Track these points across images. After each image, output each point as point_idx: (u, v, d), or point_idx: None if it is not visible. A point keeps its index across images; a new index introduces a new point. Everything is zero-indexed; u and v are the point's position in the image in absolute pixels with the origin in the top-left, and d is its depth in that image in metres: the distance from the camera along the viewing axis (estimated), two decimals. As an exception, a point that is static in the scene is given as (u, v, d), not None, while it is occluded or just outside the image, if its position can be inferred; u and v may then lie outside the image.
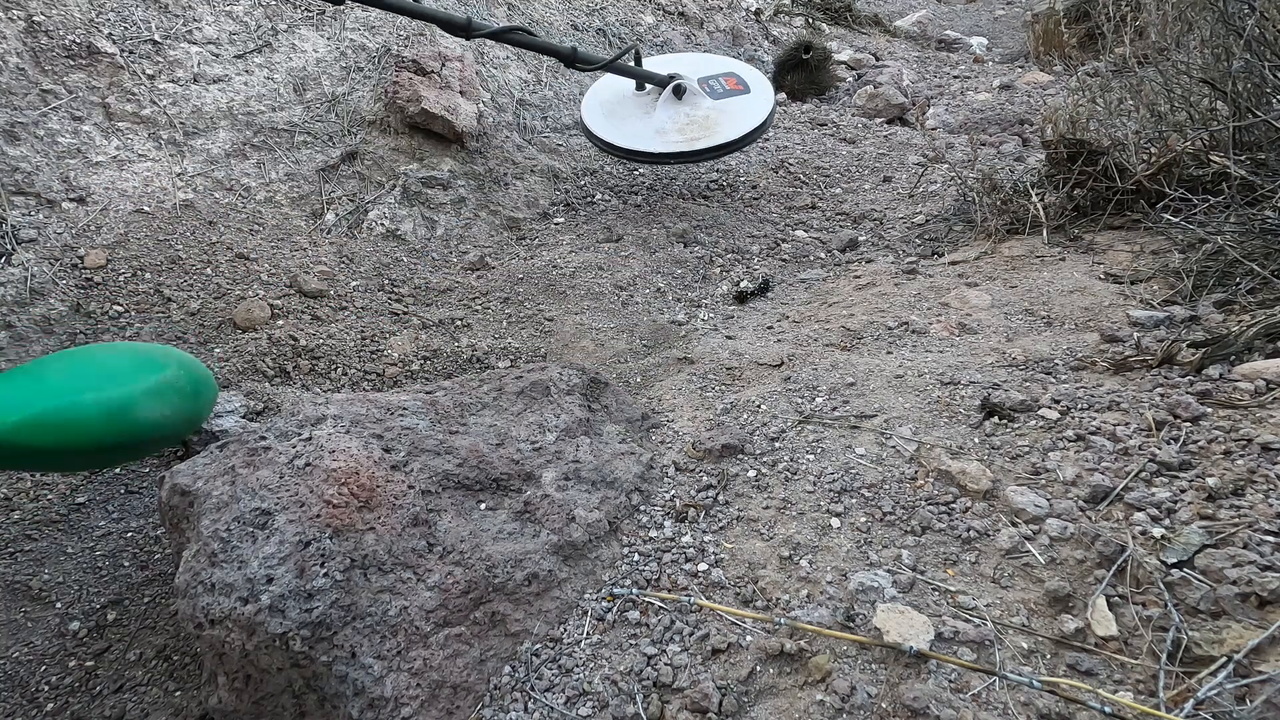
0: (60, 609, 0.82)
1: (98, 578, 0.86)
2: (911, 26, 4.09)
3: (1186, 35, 1.45)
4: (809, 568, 0.65)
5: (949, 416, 0.80)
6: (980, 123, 2.40)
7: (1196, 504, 0.63)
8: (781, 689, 0.56)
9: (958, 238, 1.51)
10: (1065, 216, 1.34)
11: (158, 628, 0.82)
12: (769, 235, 1.75)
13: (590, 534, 0.67)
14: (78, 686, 0.76)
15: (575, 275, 1.51)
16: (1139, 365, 0.85)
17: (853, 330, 1.10)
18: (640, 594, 0.64)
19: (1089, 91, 1.53)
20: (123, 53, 1.57)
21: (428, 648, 0.57)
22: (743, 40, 3.27)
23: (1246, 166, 1.11)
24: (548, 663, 0.60)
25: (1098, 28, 2.46)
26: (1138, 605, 0.57)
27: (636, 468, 0.75)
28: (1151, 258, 1.15)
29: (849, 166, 2.16)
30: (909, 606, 0.59)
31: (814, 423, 0.82)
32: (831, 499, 0.71)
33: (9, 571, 0.84)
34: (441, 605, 0.58)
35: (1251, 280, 0.95)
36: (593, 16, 2.70)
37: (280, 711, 0.54)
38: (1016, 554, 0.63)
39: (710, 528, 0.70)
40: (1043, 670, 0.55)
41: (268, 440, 0.65)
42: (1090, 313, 1.03)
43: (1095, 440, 0.73)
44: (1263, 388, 0.74)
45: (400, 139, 1.86)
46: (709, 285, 1.51)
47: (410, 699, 0.55)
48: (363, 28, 1.98)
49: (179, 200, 1.47)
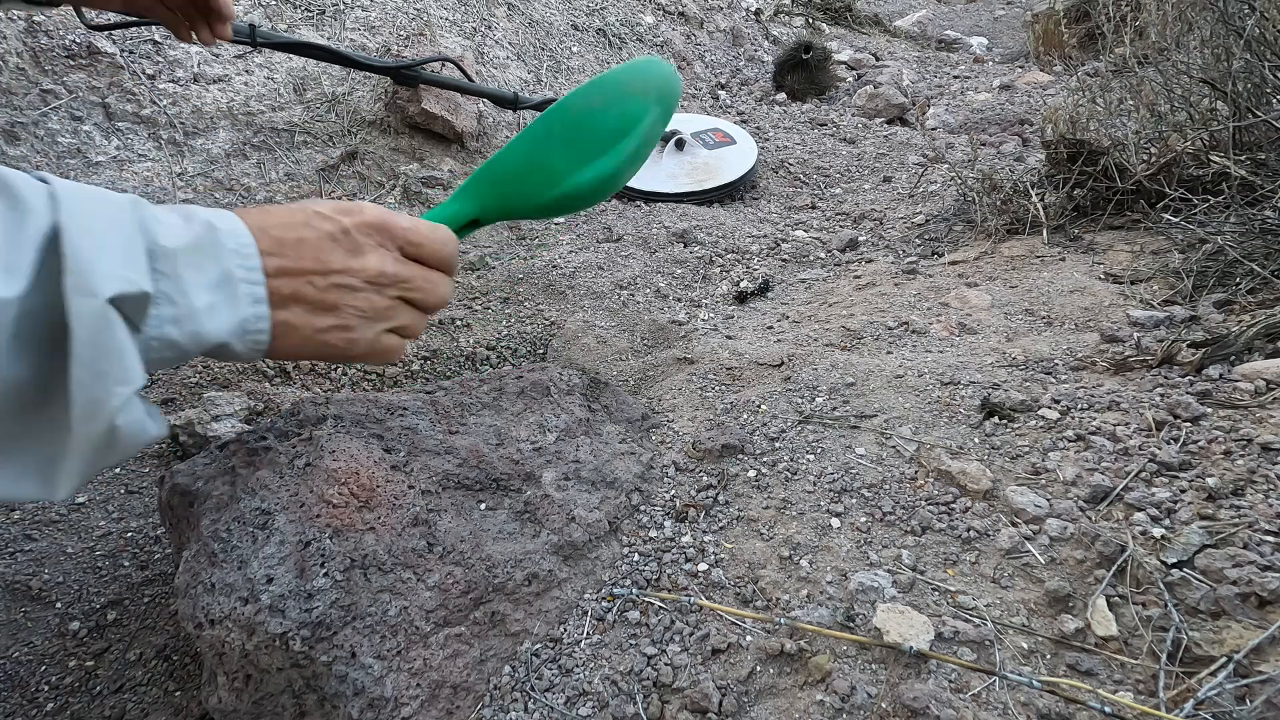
0: (60, 609, 0.82)
1: (98, 578, 0.86)
2: (911, 26, 4.09)
3: (1186, 35, 1.45)
4: (809, 568, 0.65)
5: (949, 416, 0.80)
6: (980, 123, 2.40)
7: (1196, 504, 0.63)
8: (781, 689, 0.56)
9: (958, 238, 1.51)
10: (1065, 216, 1.34)
11: (158, 628, 0.82)
12: (769, 235, 1.75)
13: (590, 534, 0.67)
14: (78, 686, 0.76)
15: (575, 275, 1.51)
16: (1139, 365, 0.85)
17: (853, 330, 1.10)
18: (640, 594, 0.64)
19: (1089, 91, 1.53)
20: (122, 53, 1.57)
21: (428, 648, 0.57)
22: (743, 40, 3.27)
23: (1246, 166, 1.11)
24: (548, 663, 0.60)
25: (1098, 28, 2.46)
26: (1138, 605, 0.57)
27: (636, 468, 0.75)
28: (1151, 258, 1.15)
29: (849, 166, 2.16)
30: (909, 606, 0.59)
31: (814, 423, 0.82)
32: (831, 499, 0.71)
33: (9, 571, 0.84)
34: (441, 605, 0.58)
35: (1251, 280, 0.95)
36: (593, 16, 2.70)
37: (280, 711, 0.54)
38: (1016, 554, 0.63)
39: (710, 528, 0.70)
40: (1043, 670, 0.55)
41: (268, 440, 0.65)
42: (1090, 313, 1.03)
43: (1095, 440, 0.73)
44: (1263, 388, 0.74)
45: (400, 139, 1.86)
46: (709, 285, 1.51)
47: (410, 699, 0.55)
48: (363, 28, 1.98)
49: (179, 200, 1.47)
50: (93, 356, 0.43)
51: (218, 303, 0.50)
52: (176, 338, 0.49)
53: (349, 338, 0.55)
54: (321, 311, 0.54)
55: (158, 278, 0.47)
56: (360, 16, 1.99)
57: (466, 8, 2.26)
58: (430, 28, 2.04)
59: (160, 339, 0.48)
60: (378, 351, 0.58)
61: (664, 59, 0.90)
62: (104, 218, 0.46)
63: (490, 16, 2.31)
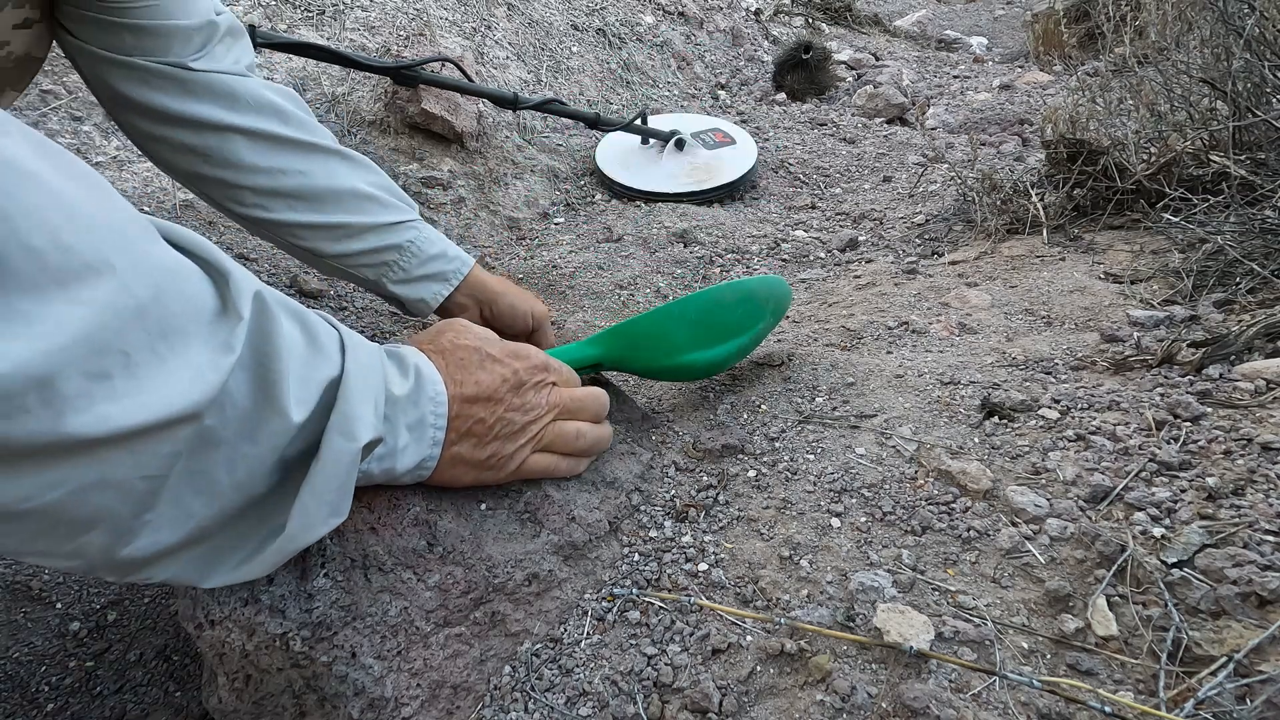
0: (60, 609, 0.82)
1: (98, 578, 0.86)
2: (911, 26, 4.10)
3: (1186, 35, 1.45)
4: (809, 568, 0.65)
5: (949, 416, 0.80)
6: (980, 123, 2.40)
7: (1196, 504, 0.63)
8: (782, 689, 0.56)
9: (958, 238, 1.51)
10: (1065, 216, 1.34)
11: (158, 628, 0.82)
12: (769, 235, 1.75)
13: (590, 534, 0.67)
14: (78, 687, 0.76)
15: (575, 275, 1.51)
16: (1139, 365, 0.85)
17: (853, 330, 1.10)
18: (640, 594, 0.64)
19: (1089, 91, 1.53)
20: (122, 53, 1.57)
21: (428, 648, 0.57)
22: (743, 40, 3.27)
23: (1246, 166, 1.11)
24: (548, 663, 0.60)
25: (1098, 27, 2.46)
26: (1138, 605, 0.57)
27: (636, 467, 0.75)
28: (1151, 257, 1.15)
29: (849, 166, 2.16)
30: (909, 606, 0.59)
31: (814, 423, 0.82)
32: (831, 499, 0.71)
33: (9, 572, 0.84)
34: (442, 605, 0.58)
35: (1251, 280, 0.95)
36: (592, 16, 2.70)
37: (280, 711, 0.54)
38: (1017, 554, 0.63)
39: (710, 528, 0.70)
40: (1043, 670, 0.55)
41: (268, 440, 0.65)
42: (1090, 312, 1.03)
43: (1095, 440, 0.73)
44: (1263, 387, 0.74)
45: (400, 139, 1.86)
46: (709, 285, 1.51)
47: (410, 699, 0.55)
48: (362, 28, 1.98)
49: (179, 200, 1.47)
50: (327, 489, 0.48)
51: (409, 444, 0.55)
52: (375, 471, 0.55)
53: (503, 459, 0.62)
54: (484, 444, 0.60)
55: (385, 422, 0.52)
56: (360, 17, 1.99)
57: (466, 8, 2.26)
58: (430, 28, 2.04)
59: (364, 472, 0.53)
60: (529, 471, 0.64)
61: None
62: (369, 368, 0.52)
63: (490, 16, 2.31)
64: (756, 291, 0.82)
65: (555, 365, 0.68)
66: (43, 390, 0.34)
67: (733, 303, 0.80)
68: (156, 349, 0.39)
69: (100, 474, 0.38)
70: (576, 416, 0.67)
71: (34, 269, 0.33)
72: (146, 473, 0.40)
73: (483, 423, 0.59)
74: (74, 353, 0.35)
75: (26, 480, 0.35)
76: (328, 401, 0.48)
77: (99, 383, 0.36)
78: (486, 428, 0.60)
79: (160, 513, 0.42)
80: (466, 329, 0.65)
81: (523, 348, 0.66)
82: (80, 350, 0.35)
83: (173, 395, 0.39)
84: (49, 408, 0.34)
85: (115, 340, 0.37)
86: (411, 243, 0.99)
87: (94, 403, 0.36)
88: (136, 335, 0.38)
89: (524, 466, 0.63)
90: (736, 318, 0.81)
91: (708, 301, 0.79)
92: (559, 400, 0.65)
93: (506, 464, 0.62)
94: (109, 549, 0.41)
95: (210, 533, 0.46)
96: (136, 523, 0.41)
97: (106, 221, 0.38)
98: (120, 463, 0.38)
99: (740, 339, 0.82)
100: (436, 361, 0.59)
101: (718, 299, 0.79)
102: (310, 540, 0.50)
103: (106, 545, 0.41)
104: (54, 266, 0.34)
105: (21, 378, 0.33)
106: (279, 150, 0.89)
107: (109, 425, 0.36)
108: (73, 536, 0.39)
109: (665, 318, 0.78)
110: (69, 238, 0.35)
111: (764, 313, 0.84)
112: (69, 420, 0.35)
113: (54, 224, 0.35)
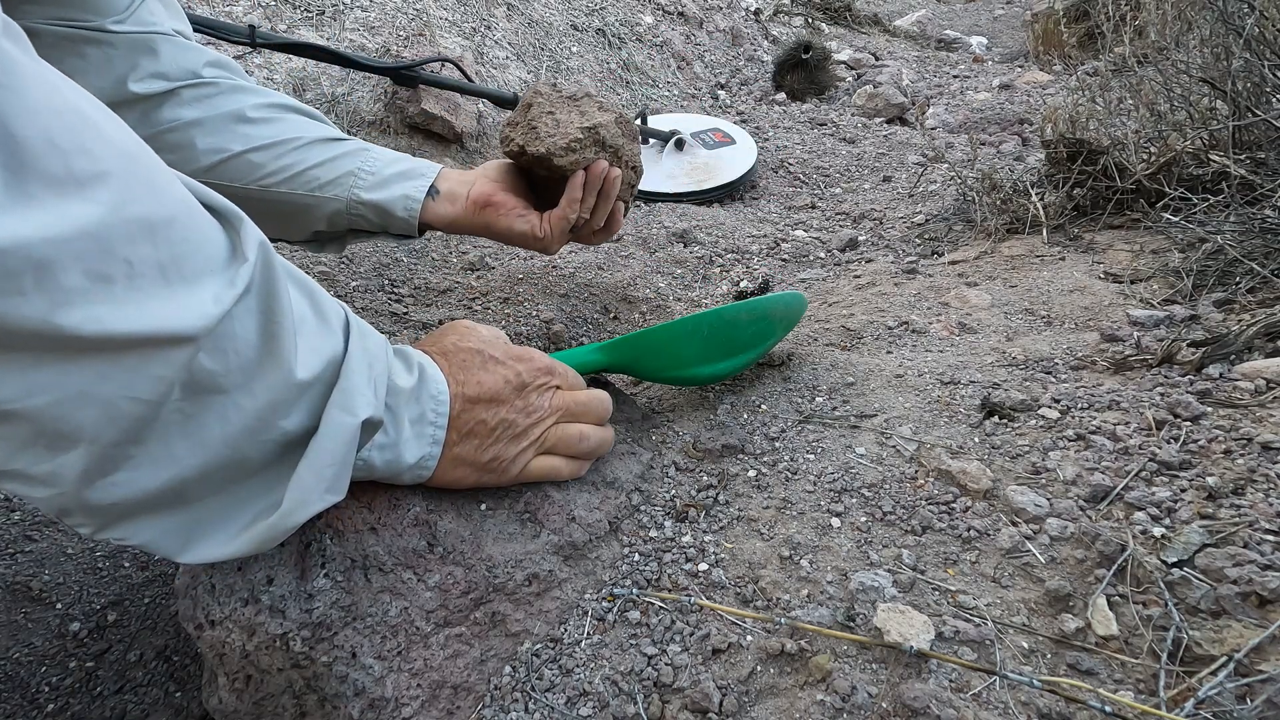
0: (60, 610, 0.82)
1: (98, 578, 0.86)
2: (911, 26, 4.10)
3: (1186, 35, 1.45)
4: (809, 567, 0.65)
5: (949, 416, 0.80)
6: (980, 122, 2.40)
7: (1196, 503, 0.63)
8: (782, 689, 0.56)
9: (958, 237, 1.51)
10: (1065, 216, 1.34)
11: (158, 628, 0.82)
12: (769, 235, 1.75)
13: (590, 534, 0.67)
14: (78, 687, 0.76)
15: (575, 275, 1.51)
16: (1139, 365, 0.85)
17: (853, 330, 1.10)
18: (640, 594, 0.64)
19: (1089, 91, 1.53)
20: (122, 53, 1.57)
21: (428, 648, 0.57)
22: (742, 40, 3.27)
23: (1246, 166, 1.11)
24: (548, 663, 0.60)
25: (1097, 27, 2.46)
26: (1138, 605, 0.57)
27: (636, 467, 0.75)
28: (1151, 257, 1.15)
29: (849, 166, 2.16)
30: (909, 606, 0.59)
31: (814, 422, 0.82)
32: (832, 499, 0.71)
33: (9, 572, 0.84)
34: (442, 605, 0.58)
35: (1251, 279, 0.95)
36: (592, 16, 2.70)
37: (280, 712, 0.54)
38: (1017, 553, 0.63)
39: (710, 528, 0.70)
40: (1043, 670, 0.55)
41: (268, 441, 0.65)
42: (1090, 312, 1.03)
43: (1095, 440, 0.73)
44: (1263, 387, 0.74)
45: (400, 139, 1.86)
46: (709, 285, 1.51)
47: (411, 699, 0.55)
48: (362, 28, 1.98)
49: (179, 201, 1.47)
50: (324, 464, 0.48)
51: (411, 438, 0.56)
52: (377, 462, 0.55)
53: (505, 463, 0.62)
54: (486, 447, 0.61)
55: (386, 410, 0.53)
56: (360, 17, 1.99)
57: (466, 8, 2.26)
58: (430, 28, 2.04)
59: (365, 461, 0.54)
60: (531, 474, 0.65)
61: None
62: (374, 354, 0.53)
63: (490, 17, 2.31)
64: (772, 311, 0.82)
65: (559, 368, 0.68)
66: (40, 274, 0.34)
67: (747, 322, 0.80)
68: (165, 271, 0.39)
69: (87, 383, 0.38)
70: (580, 419, 0.67)
71: (56, 165, 0.34)
72: (134, 394, 0.40)
73: (484, 424, 0.59)
74: (78, 246, 0.35)
75: (13, 377, 0.36)
76: (330, 379, 0.48)
77: (99, 285, 0.36)
78: (489, 429, 0.60)
79: (144, 449, 0.42)
80: (470, 331, 0.65)
81: (527, 351, 0.66)
82: (84, 245, 0.35)
83: (170, 315, 0.39)
84: (45, 295, 0.34)
85: (122, 247, 0.37)
86: (367, 151, 0.98)
87: (90, 303, 0.36)
88: (145, 249, 0.38)
89: (527, 470, 0.64)
90: (748, 336, 0.81)
91: (722, 321, 0.78)
92: (562, 403, 0.66)
93: (509, 468, 0.62)
94: (86, 478, 0.41)
95: (191, 492, 0.45)
96: (117, 451, 0.41)
97: (134, 150, 0.39)
98: (108, 376, 0.38)
99: (749, 354, 0.83)
100: (440, 363, 0.60)
101: (732, 319, 0.79)
102: (304, 517, 0.49)
103: (84, 473, 0.41)
104: (76, 167, 0.35)
105: (20, 256, 0.33)
106: (217, 97, 0.87)
107: (100, 327, 0.37)
108: (52, 453, 0.39)
109: (678, 333, 0.78)
110: (94, 146, 0.36)
111: (775, 329, 0.85)
112: (62, 312, 0.35)
113: (81, 132, 0.36)
